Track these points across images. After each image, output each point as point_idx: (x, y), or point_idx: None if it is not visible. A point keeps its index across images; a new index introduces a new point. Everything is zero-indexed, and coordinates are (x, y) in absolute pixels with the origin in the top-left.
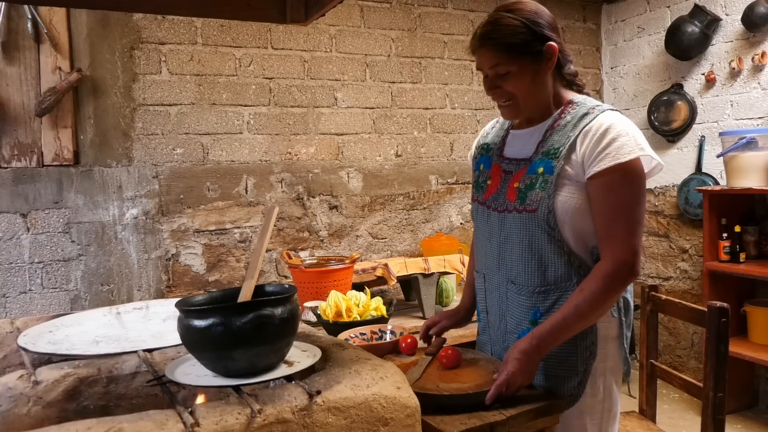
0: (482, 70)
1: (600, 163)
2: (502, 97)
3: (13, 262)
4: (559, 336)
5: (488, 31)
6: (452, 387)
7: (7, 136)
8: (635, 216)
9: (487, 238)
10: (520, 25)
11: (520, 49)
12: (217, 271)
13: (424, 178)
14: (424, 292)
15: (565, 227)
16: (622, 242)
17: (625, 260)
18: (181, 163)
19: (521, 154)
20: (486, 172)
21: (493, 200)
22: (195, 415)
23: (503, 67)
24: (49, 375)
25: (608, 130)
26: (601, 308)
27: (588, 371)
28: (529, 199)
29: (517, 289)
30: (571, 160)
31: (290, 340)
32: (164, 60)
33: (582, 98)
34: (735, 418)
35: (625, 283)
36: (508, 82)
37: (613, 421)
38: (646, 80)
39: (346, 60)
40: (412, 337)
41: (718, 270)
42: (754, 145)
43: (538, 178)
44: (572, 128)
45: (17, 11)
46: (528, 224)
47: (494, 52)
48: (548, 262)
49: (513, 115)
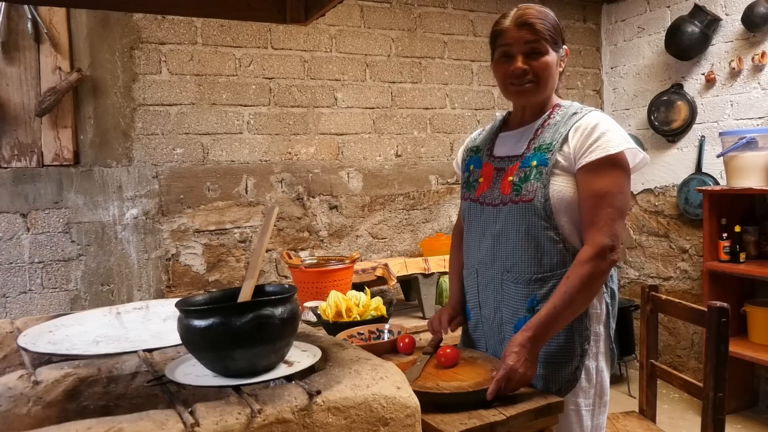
0: (512, 46)
1: (591, 154)
2: (526, 76)
3: (13, 262)
4: (553, 325)
5: (529, 14)
6: (452, 385)
7: (7, 136)
8: (618, 204)
9: (480, 233)
10: (553, 20)
11: (554, 39)
12: (217, 271)
13: (424, 178)
14: (424, 292)
15: (560, 215)
16: (603, 228)
17: (606, 244)
18: (181, 163)
19: (513, 152)
20: (476, 171)
21: (487, 196)
22: (195, 415)
23: (540, 44)
24: (49, 375)
25: (597, 125)
26: (588, 292)
27: (584, 355)
28: (524, 190)
29: (513, 278)
30: (564, 152)
31: (290, 340)
32: (164, 60)
33: (568, 102)
34: (735, 418)
35: (607, 266)
36: (539, 62)
37: (604, 409)
38: (646, 80)
39: (346, 60)
40: (410, 336)
41: (718, 270)
42: (754, 145)
43: (532, 170)
44: (563, 125)
45: (17, 11)
46: (525, 213)
47: (534, 29)
48: (544, 250)
49: (527, 97)
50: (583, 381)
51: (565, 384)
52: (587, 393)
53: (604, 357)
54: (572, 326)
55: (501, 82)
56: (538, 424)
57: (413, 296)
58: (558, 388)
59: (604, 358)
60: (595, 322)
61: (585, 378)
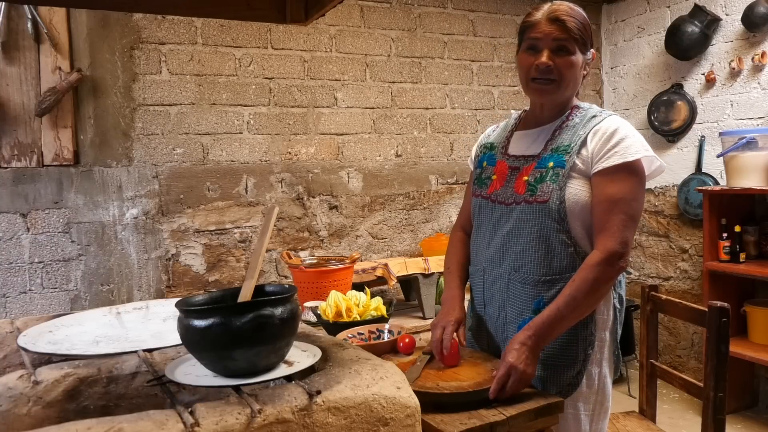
0: (540, 40)
1: (609, 160)
2: (549, 73)
3: (13, 262)
4: (556, 327)
5: (563, 11)
6: (452, 385)
7: (7, 136)
8: (631, 211)
9: (491, 231)
10: (586, 22)
11: (583, 40)
12: (217, 271)
13: (424, 178)
14: (424, 292)
15: (573, 219)
16: (614, 234)
17: (615, 251)
18: (181, 163)
19: (528, 152)
20: (490, 168)
21: (499, 194)
22: (195, 415)
23: (569, 43)
24: (49, 375)
25: (617, 130)
26: (593, 297)
27: (587, 360)
28: (540, 191)
29: (521, 278)
30: (582, 155)
31: (290, 340)
32: (164, 60)
33: (587, 104)
34: (735, 418)
35: (615, 273)
36: (564, 60)
37: (605, 415)
38: (646, 80)
39: (346, 60)
40: (410, 336)
41: (718, 270)
42: (754, 145)
43: (548, 171)
44: (582, 127)
45: (17, 11)
46: (538, 214)
47: (566, 26)
48: (554, 253)
49: (547, 95)
50: (584, 386)
51: (566, 388)
52: (587, 398)
53: (608, 363)
54: (576, 331)
55: (523, 75)
56: (538, 424)
57: (413, 296)
58: (558, 391)
59: (608, 364)
60: (601, 328)
61: (586, 383)
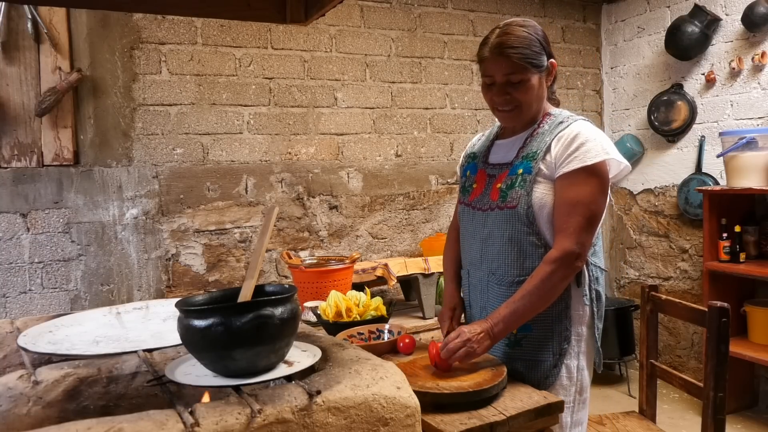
0: (493, 77)
1: (569, 164)
2: (508, 104)
3: (13, 262)
4: (512, 319)
5: (505, 41)
6: (452, 385)
7: (7, 136)
8: (589, 213)
9: (471, 236)
10: (534, 40)
11: (534, 61)
12: (217, 271)
13: (424, 178)
14: (424, 292)
15: (542, 221)
16: (571, 235)
17: (572, 251)
18: (181, 163)
19: (504, 160)
20: (472, 177)
21: (478, 201)
22: (195, 415)
23: (517, 75)
24: (49, 375)
25: (577, 136)
26: (547, 293)
27: (564, 354)
28: (510, 197)
29: (497, 280)
30: (546, 160)
31: (290, 340)
32: (164, 60)
33: (558, 111)
34: (735, 418)
35: (570, 272)
36: (518, 90)
37: (583, 406)
38: (646, 80)
39: (346, 60)
40: (410, 336)
41: (718, 270)
42: (754, 145)
43: (518, 178)
44: (549, 134)
45: (17, 11)
46: (509, 219)
47: (511, 61)
48: (526, 254)
49: (513, 120)
50: (564, 378)
51: (543, 381)
52: (568, 390)
53: (585, 357)
54: (552, 326)
55: (489, 105)
56: (538, 424)
57: (413, 296)
58: (537, 383)
59: (585, 357)
60: (577, 323)
61: (566, 376)
